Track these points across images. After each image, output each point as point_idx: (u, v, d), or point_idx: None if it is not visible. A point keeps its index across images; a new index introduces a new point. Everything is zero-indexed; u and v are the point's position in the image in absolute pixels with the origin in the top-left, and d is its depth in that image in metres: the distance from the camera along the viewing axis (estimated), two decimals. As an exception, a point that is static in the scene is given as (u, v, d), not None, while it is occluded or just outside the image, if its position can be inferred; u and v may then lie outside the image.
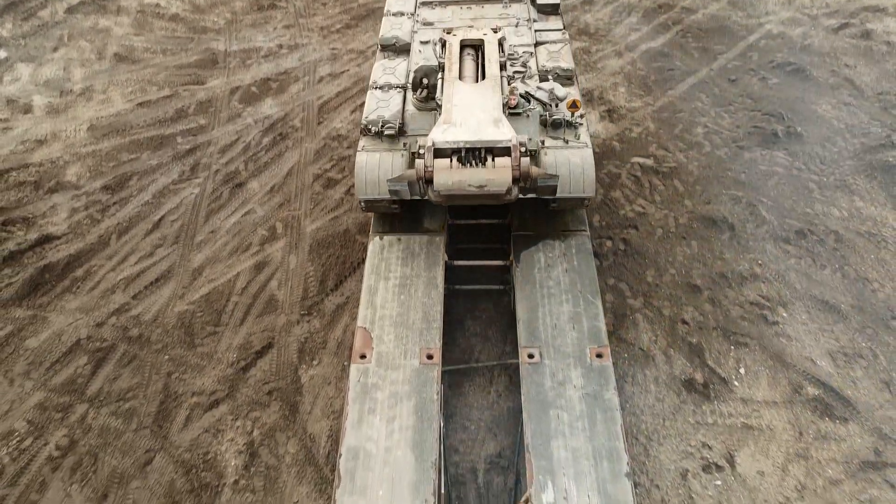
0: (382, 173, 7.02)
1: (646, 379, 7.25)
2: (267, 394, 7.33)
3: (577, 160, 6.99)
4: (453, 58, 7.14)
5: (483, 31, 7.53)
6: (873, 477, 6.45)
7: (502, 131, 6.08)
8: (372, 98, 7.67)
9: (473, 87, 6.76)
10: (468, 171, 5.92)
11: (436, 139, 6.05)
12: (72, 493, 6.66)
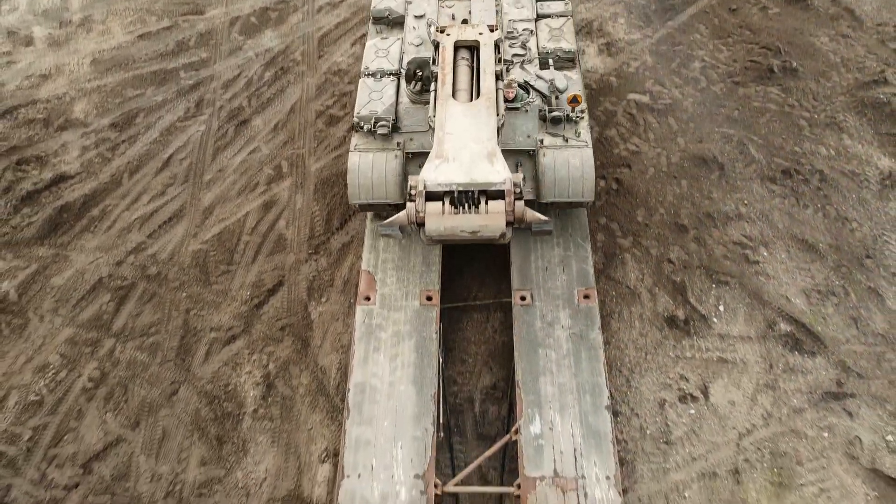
0: (376, 177, 6.93)
1: (631, 315, 7.80)
2: (280, 329, 7.91)
3: (576, 162, 6.85)
4: (447, 67, 6.70)
5: (479, 29, 7.05)
6: (834, 406, 7.10)
7: (496, 169, 5.75)
8: (364, 88, 7.38)
9: (467, 109, 6.31)
10: (461, 217, 5.66)
11: (428, 181, 5.72)
12: (107, 420, 7.36)
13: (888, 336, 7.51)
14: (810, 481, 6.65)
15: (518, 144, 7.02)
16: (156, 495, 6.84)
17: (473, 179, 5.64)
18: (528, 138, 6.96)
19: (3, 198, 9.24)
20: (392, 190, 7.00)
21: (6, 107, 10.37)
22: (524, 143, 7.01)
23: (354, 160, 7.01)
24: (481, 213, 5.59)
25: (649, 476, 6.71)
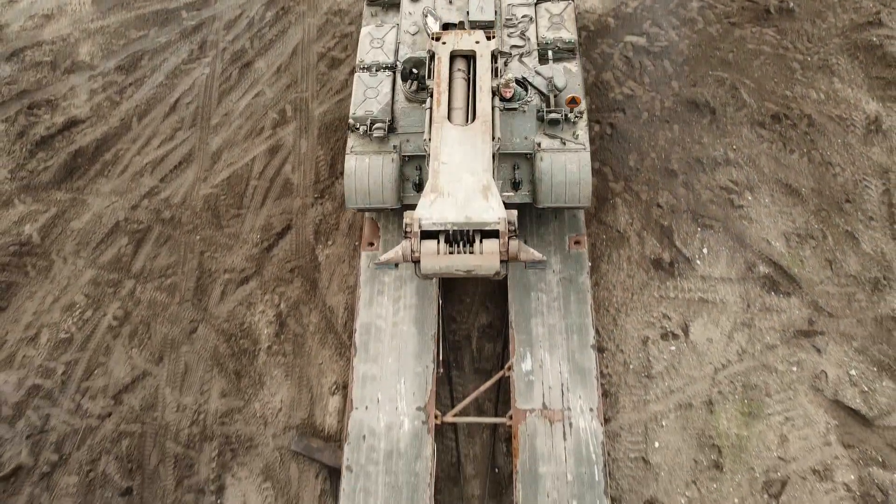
0: (373, 182, 6.92)
1: (620, 258, 8.28)
2: (290, 271, 8.42)
3: (573, 168, 6.81)
4: (442, 84, 6.50)
5: (475, 37, 6.81)
6: (804, 343, 7.68)
7: (491, 206, 5.68)
8: (359, 85, 7.28)
9: (462, 134, 6.14)
10: (456, 257, 5.63)
11: (423, 219, 5.64)
12: (133, 356, 7.98)
13: (860, 277, 8.01)
14: (777, 411, 7.30)
15: (515, 146, 6.98)
16: (182, 424, 7.53)
17: (469, 218, 5.60)
18: (525, 140, 6.93)
19: (18, 142, 9.57)
20: (389, 195, 6.98)
21: (12, 49, 10.54)
22: (521, 145, 6.98)
23: (351, 164, 6.96)
24: (476, 252, 5.57)
25: (630, 407, 7.36)
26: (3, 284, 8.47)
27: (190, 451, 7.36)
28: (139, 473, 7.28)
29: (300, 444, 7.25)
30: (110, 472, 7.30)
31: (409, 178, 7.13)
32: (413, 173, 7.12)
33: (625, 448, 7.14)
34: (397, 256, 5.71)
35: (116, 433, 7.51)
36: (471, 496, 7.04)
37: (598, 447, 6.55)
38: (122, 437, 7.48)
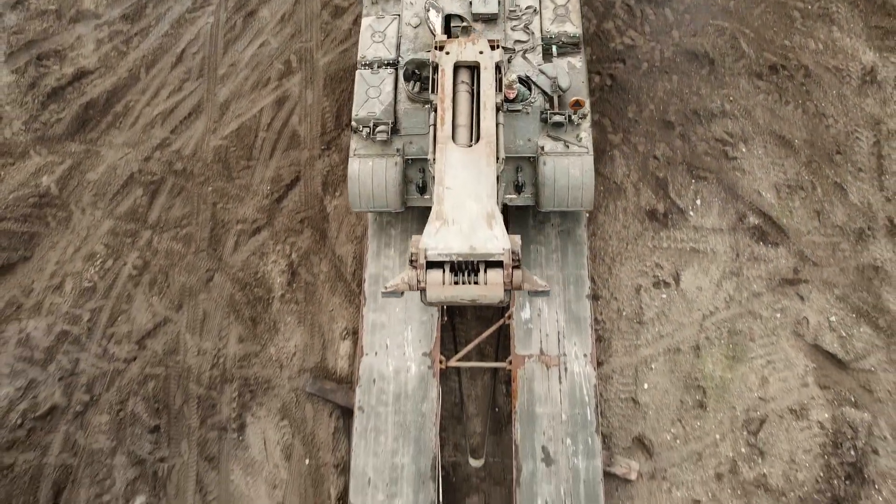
0: (376, 185, 6.97)
1: (616, 209, 8.62)
2: (299, 222, 8.79)
3: (576, 172, 6.85)
4: (446, 100, 6.30)
5: (479, 47, 6.57)
6: (788, 291, 8.11)
7: (494, 235, 5.59)
8: (361, 83, 7.23)
9: (467, 156, 6.02)
10: (461, 287, 5.57)
11: (429, 249, 5.53)
12: (153, 304, 8.45)
13: (845, 228, 8.38)
14: (759, 355, 7.80)
15: (519, 149, 6.98)
16: (203, 367, 8.06)
17: (473, 248, 5.51)
18: (528, 142, 6.94)
19: (30, 94, 9.77)
20: (393, 199, 7.04)
21: (17, -4, 10.59)
22: (525, 148, 6.99)
23: (354, 168, 6.99)
24: (480, 283, 5.52)
25: (622, 351, 7.86)
26: (26, 235, 8.86)
27: (212, 392, 7.92)
28: (165, 413, 7.86)
29: (314, 386, 7.79)
30: (139, 411, 7.87)
31: (413, 180, 7.15)
32: (416, 175, 7.14)
33: (616, 389, 7.68)
34: (403, 285, 5.66)
35: (142, 376, 8.05)
36: (473, 433, 7.63)
37: (590, 390, 7.08)
38: (147, 380, 8.03)
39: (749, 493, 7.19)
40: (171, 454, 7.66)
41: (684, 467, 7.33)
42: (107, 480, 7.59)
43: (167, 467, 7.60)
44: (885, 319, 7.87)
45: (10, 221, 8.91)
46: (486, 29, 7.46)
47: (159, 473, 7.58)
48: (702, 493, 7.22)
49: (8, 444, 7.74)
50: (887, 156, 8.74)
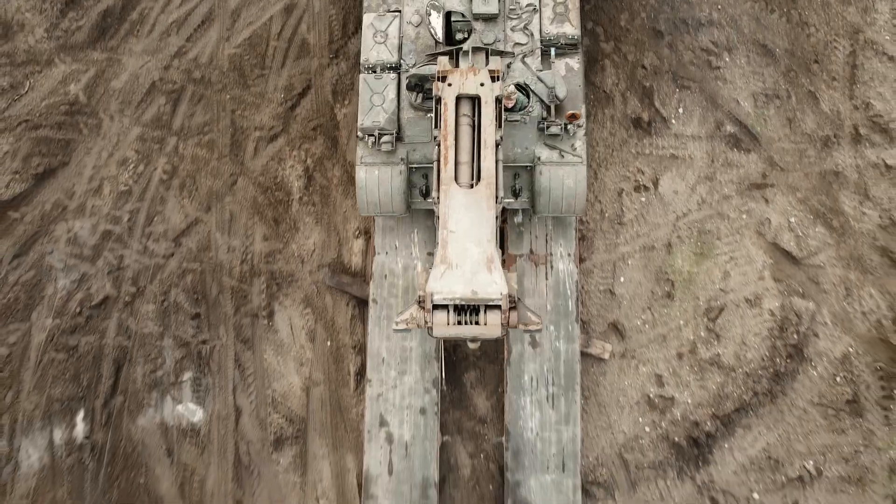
0: (382, 193, 7.46)
1: (604, 117, 9.35)
2: (312, 129, 9.55)
3: (570, 182, 7.30)
4: (449, 138, 6.55)
5: (480, 78, 6.67)
6: (755, 194, 9.02)
7: (494, 279, 6.07)
8: (365, 89, 7.52)
9: (469, 198, 6.37)
10: (464, 327, 6.12)
11: (435, 294, 6.02)
12: (185, 205, 9.40)
13: (813, 135, 9.14)
14: (724, 252, 8.84)
15: (517, 157, 7.41)
16: (233, 262, 9.15)
17: (475, 293, 6.00)
18: (525, 150, 7.35)
19: (48, 0, 10.18)
20: (398, 205, 7.55)
21: None
22: (522, 156, 7.41)
23: (361, 176, 7.45)
24: (481, 323, 6.06)
25: (603, 249, 8.90)
26: (62, 142, 9.66)
27: (243, 284, 9.06)
28: (204, 302, 9.04)
29: (333, 279, 8.92)
30: (180, 300, 9.05)
31: (416, 185, 7.63)
32: (420, 181, 7.61)
33: (596, 282, 8.80)
34: (412, 325, 6.35)
35: (180, 270, 9.16)
36: (471, 319, 8.83)
37: (572, 285, 8.19)
38: (185, 273, 9.15)
39: (704, 369, 8.49)
40: (212, 337, 8.92)
41: (651, 348, 8.59)
42: (158, 359, 8.90)
43: (209, 348, 8.89)
44: (839, 220, 8.83)
45: (46, 129, 9.68)
46: (486, 28, 7.64)
47: (202, 353, 8.88)
48: (664, 369, 8.52)
49: (71, 328, 8.99)
50: (861, 65, 9.32)
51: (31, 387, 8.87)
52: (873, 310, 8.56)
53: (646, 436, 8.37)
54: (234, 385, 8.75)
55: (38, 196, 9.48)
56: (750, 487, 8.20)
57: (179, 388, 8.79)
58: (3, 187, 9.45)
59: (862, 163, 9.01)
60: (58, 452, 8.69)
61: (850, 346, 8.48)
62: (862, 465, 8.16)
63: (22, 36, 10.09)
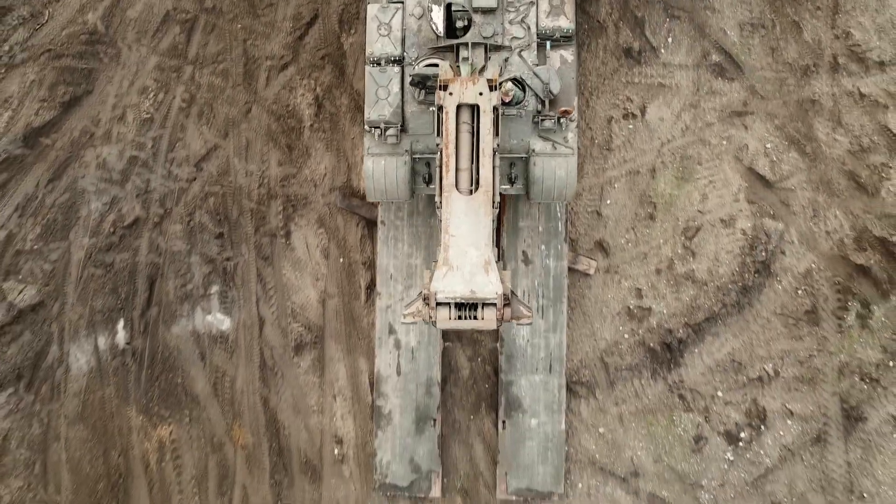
0: (388, 182, 7.99)
1: (597, 47, 9.85)
2: (321, 59, 10.08)
3: (562, 173, 7.83)
4: (450, 146, 7.03)
5: (479, 87, 7.05)
6: (735, 121, 9.66)
7: (490, 280, 6.72)
8: (371, 82, 7.90)
9: (468, 205, 6.91)
10: (463, 321, 6.84)
11: (438, 293, 6.71)
12: (203, 132, 10.08)
13: (794, 64, 9.67)
14: (703, 176, 9.58)
15: (513, 148, 7.92)
16: (251, 186, 9.93)
17: (473, 292, 6.70)
18: (521, 142, 7.85)
19: (60, -72, 10.48)
20: (403, 192, 8.08)
21: None
22: (518, 147, 7.93)
23: (368, 166, 7.98)
24: (479, 318, 6.81)
25: (592, 173, 9.64)
26: (84, 71, 10.23)
27: (261, 206, 9.88)
28: (226, 223, 9.90)
29: (343, 202, 9.73)
30: (204, 221, 9.91)
31: (420, 172, 8.13)
32: (423, 169, 8.14)
33: (584, 204, 9.60)
34: (418, 318, 7.11)
35: (203, 193, 9.96)
36: (470, 238, 9.69)
37: (562, 207, 9.00)
38: (208, 196, 9.95)
39: (679, 283, 9.43)
40: (235, 254, 9.84)
41: (633, 264, 9.50)
42: (187, 274, 9.86)
43: (233, 264, 9.82)
44: (812, 147, 9.52)
45: (68, 58, 10.23)
46: (485, 21, 7.92)
47: (227, 269, 9.83)
48: (644, 283, 9.47)
49: (106, 247, 9.90)
50: (845, -6, 9.73)
51: (75, 299, 9.88)
52: (837, 229, 9.40)
53: (624, 342, 9.42)
54: (257, 297, 9.75)
55: (67, 123, 10.15)
56: (715, 387, 9.32)
57: (208, 300, 9.79)
58: (34, 115, 10.11)
59: (838, 91, 9.59)
60: (103, 357, 9.80)
61: (814, 262, 9.37)
62: (814, 367, 9.24)
63: (37, -36, 10.46)
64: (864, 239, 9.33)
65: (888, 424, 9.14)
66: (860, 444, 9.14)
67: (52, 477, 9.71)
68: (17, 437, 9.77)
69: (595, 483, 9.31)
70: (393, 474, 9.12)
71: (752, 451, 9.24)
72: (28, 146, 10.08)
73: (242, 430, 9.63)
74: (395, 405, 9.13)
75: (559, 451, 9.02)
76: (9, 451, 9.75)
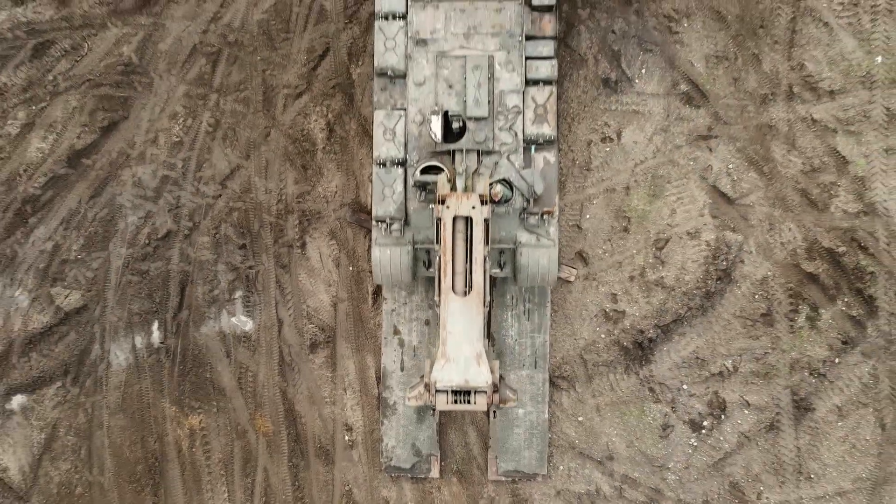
0: (393, 269, 9.22)
1: (578, 77, 11.03)
2: (332, 88, 11.29)
3: (544, 262, 9.08)
4: (447, 255, 8.29)
5: (472, 202, 8.32)
6: (701, 144, 10.84)
7: (481, 371, 8.11)
8: (378, 182, 9.36)
9: (463, 306, 8.22)
10: (459, 405, 8.26)
11: (437, 382, 8.16)
12: (227, 154, 11.31)
13: (754, 93, 10.83)
14: (673, 193, 10.77)
15: (502, 240, 9.21)
16: (271, 202, 11.17)
17: (467, 382, 8.12)
18: (509, 234, 9.09)
19: (97, -31, 11.68)
20: (406, 277, 9.31)
21: None
22: (506, 239, 9.21)
23: (376, 255, 9.25)
24: (471, 403, 8.24)
25: (573, 191, 10.85)
26: (121, 98, 11.46)
27: (279, 220, 11.12)
28: (248, 235, 11.14)
29: (352, 217, 10.96)
30: (229, 234, 11.15)
31: (420, 259, 9.34)
32: (423, 256, 9.38)
33: (566, 218, 10.80)
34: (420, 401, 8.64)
35: (228, 208, 11.20)
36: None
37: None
38: (232, 211, 11.19)
39: (650, 289, 10.65)
40: (256, 263, 11.08)
41: (609, 272, 10.72)
42: (214, 281, 11.11)
43: (255, 272, 11.07)
44: (769, 167, 10.71)
45: (106, 87, 11.46)
46: (477, 127, 9.29)
47: (249, 276, 11.08)
48: (619, 289, 10.69)
49: (142, 256, 11.16)
50: (800, 30, 10.87)
51: (114, 303, 11.15)
52: (790, 241, 10.59)
53: (601, 341, 10.65)
54: (276, 301, 11.00)
55: (105, 145, 11.40)
56: (681, 380, 10.55)
57: (233, 304, 11.06)
58: (76, 138, 11.37)
59: (793, 117, 10.76)
60: (140, 354, 11.08)
61: (769, 270, 10.57)
62: (769, 364, 10.46)
63: (77, 2, 11.67)
64: (814, 250, 10.53)
65: (833, 414, 10.37)
66: (808, 431, 10.37)
67: (96, 460, 11.01)
68: (64, 425, 11.08)
69: (574, 465, 10.58)
70: (397, 458, 10.38)
71: (713, 437, 10.49)
72: (71, 166, 11.33)
73: (264, 419, 10.91)
74: (399, 397, 10.38)
75: (543, 437, 10.27)
76: (58, 438, 11.06)
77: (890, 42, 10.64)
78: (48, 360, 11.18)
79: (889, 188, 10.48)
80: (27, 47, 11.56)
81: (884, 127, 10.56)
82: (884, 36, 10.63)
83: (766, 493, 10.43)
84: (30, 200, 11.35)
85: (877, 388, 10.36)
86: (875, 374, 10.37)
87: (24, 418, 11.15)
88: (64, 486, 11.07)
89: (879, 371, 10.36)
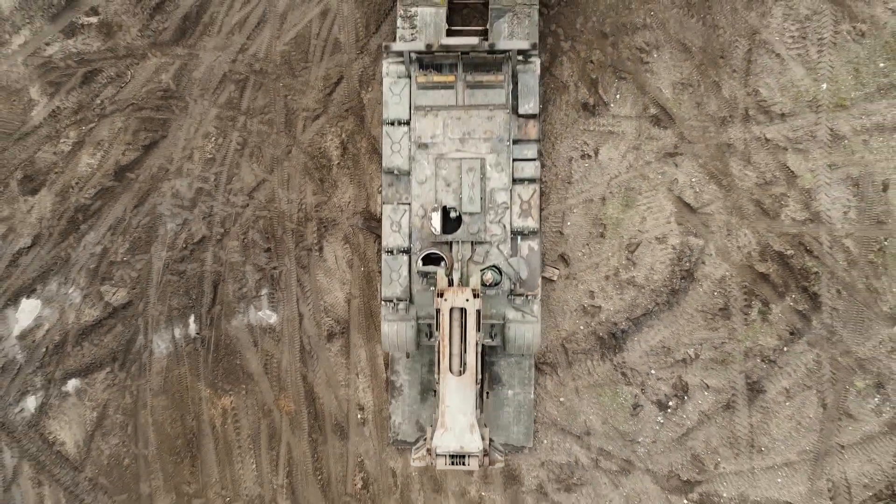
0: (399, 340, 10.53)
1: (561, 101, 12.60)
2: (345, 111, 12.87)
3: (529, 336, 10.45)
4: (446, 339, 9.62)
5: (466, 295, 9.61)
6: (668, 160, 12.40)
7: (474, 438, 9.59)
8: (386, 267, 10.80)
9: (459, 384, 9.63)
10: (455, 468, 9.77)
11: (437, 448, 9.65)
12: (254, 169, 12.92)
13: (714, 116, 12.39)
14: (643, 203, 12.34)
15: (493, 317, 10.64)
16: (292, 211, 12.77)
17: (462, 448, 9.62)
18: (498, 311, 10.52)
19: (139, 6, 13.27)
20: (410, 346, 10.61)
21: (108, -84, 13.51)
22: (496, 316, 10.64)
23: (385, 329, 10.63)
24: (466, 465, 9.72)
25: (556, 201, 12.42)
26: (160, 120, 13.07)
27: (300, 227, 12.73)
28: (272, 240, 12.75)
29: (364, 224, 12.55)
30: (256, 239, 12.76)
31: (423, 331, 10.75)
32: (425, 328, 10.72)
33: (550, 225, 12.38)
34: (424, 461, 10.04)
35: (254, 216, 12.81)
36: (462, 252, 12.50)
37: (531, 230, 11.78)
38: (258, 219, 12.80)
39: (623, 287, 12.23)
40: (280, 265, 12.70)
41: (587, 272, 12.30)
42: (243, 280, 12.73)
43: (278, 272, 12.68)
44: (727, 180, 12.26)
45: (147, 110, 13.07)
46: (471, 221, 10.73)
47: (274, 276, 12.69)
48: (596, 287, 12.27)
49: (180, 258, 12.78)
50: (755, 60, 12.41)
51: (156, 299, 12.78)
52: (746, 245, 12.15)
53: (580, 332, 12.24)
54: (297, 298, 12.62)
55: (147, 161, 13.01)
56: (649, 366, 12.13)
57: (259, 300, 12.67)
58: (121, 154, 12.99)
59: (748, 137, 12.31)
60: (179, 344, 12.70)
61: (727, 270, 12.14)
62: (726, 351, 12.03)
63: (121, 35, 13.28)
64: (766, 252, 12.09)
65: (782, 395, 11.94)
66: (760, 410, 11.95)
67: (141, 436, 12.65)
68: (113, 405, 12.72)
69: (557, 440, 12.18)
70: (403, 433, 11.97)
71: (678, 415, 12.07)
72: (117, 179, 12.95)
73: (287, 399, 12.54)
74: (405, 380, 11.97)
75: (529, 415, 11.85)
76: (107, 416, 12.71)
77: (834, 70, 12.18)
78: (98, 348, 12.81)
79: (832, 199, 12.03)
80: (77, 75, 13.16)
81: (828, 145, 12.11)
82: (829, 65, 12.17)
83: (723, 463, 12.01)
84: (81, 209, 12.97)
85: (820, 373, 11.92)
86: (818, 361, 11.93)
87: (78, 399, 12.79)
88: (113, 458, 12.72)
89: (822, 358, 11.92)
